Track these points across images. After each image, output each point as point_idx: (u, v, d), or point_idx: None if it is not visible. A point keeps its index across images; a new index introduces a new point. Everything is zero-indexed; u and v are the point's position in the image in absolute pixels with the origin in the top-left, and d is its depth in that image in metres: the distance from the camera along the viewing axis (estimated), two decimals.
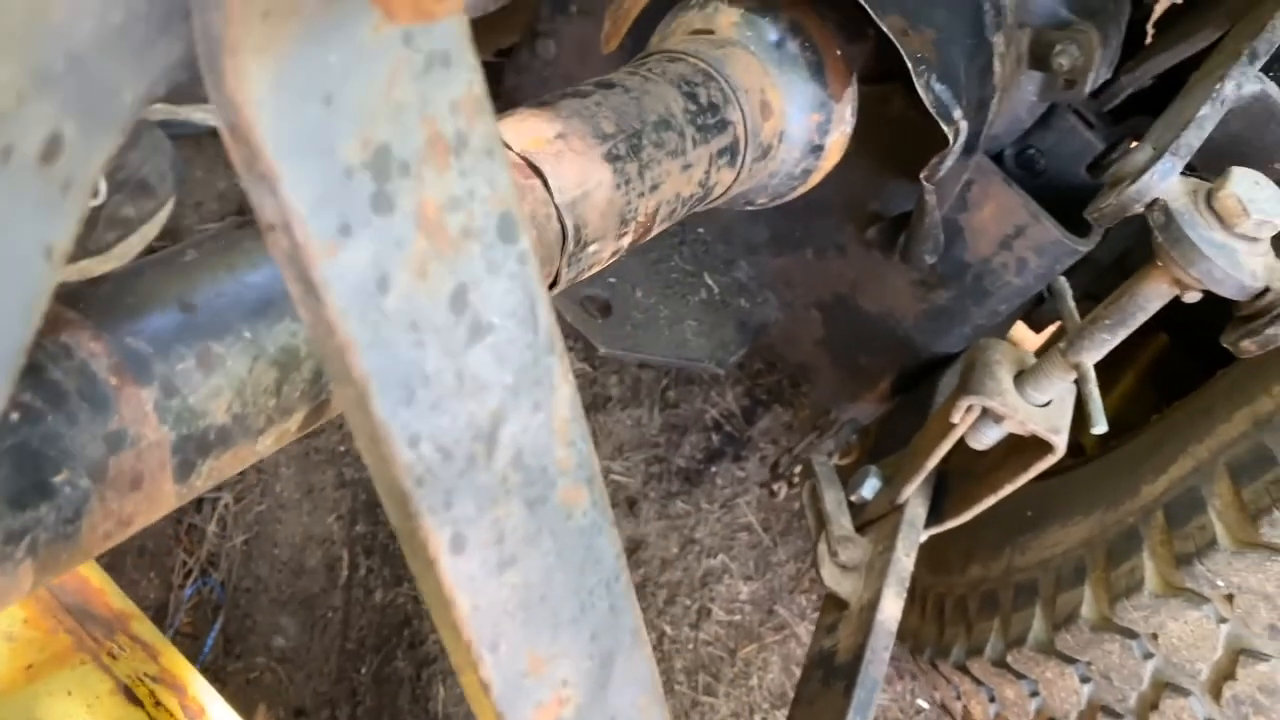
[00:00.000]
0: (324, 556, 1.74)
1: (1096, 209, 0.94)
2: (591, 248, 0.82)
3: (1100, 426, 1.04)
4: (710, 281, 1.57)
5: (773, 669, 1.90)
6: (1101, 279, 1.57)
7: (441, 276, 0.39)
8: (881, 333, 1.46)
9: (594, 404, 2.08)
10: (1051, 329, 1.71)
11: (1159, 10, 1.47)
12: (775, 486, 1.91)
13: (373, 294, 0.37)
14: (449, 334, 0.40)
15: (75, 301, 0.52)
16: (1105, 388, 1.36)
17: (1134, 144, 1.45)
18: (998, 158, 1.36)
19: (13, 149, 0.28)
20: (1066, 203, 1.36)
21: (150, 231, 1.70)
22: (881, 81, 1.23)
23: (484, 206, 0.40)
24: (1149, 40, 1.51)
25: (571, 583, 0.47)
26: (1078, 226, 1.33)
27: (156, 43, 0.31)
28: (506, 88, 1.58)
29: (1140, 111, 1.40)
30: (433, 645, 1.72)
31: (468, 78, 0.38)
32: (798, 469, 1.86)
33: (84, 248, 1.56)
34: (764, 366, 2.23)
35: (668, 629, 1.85)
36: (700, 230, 1.56)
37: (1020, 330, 1.75)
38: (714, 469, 2.07)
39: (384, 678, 1.68)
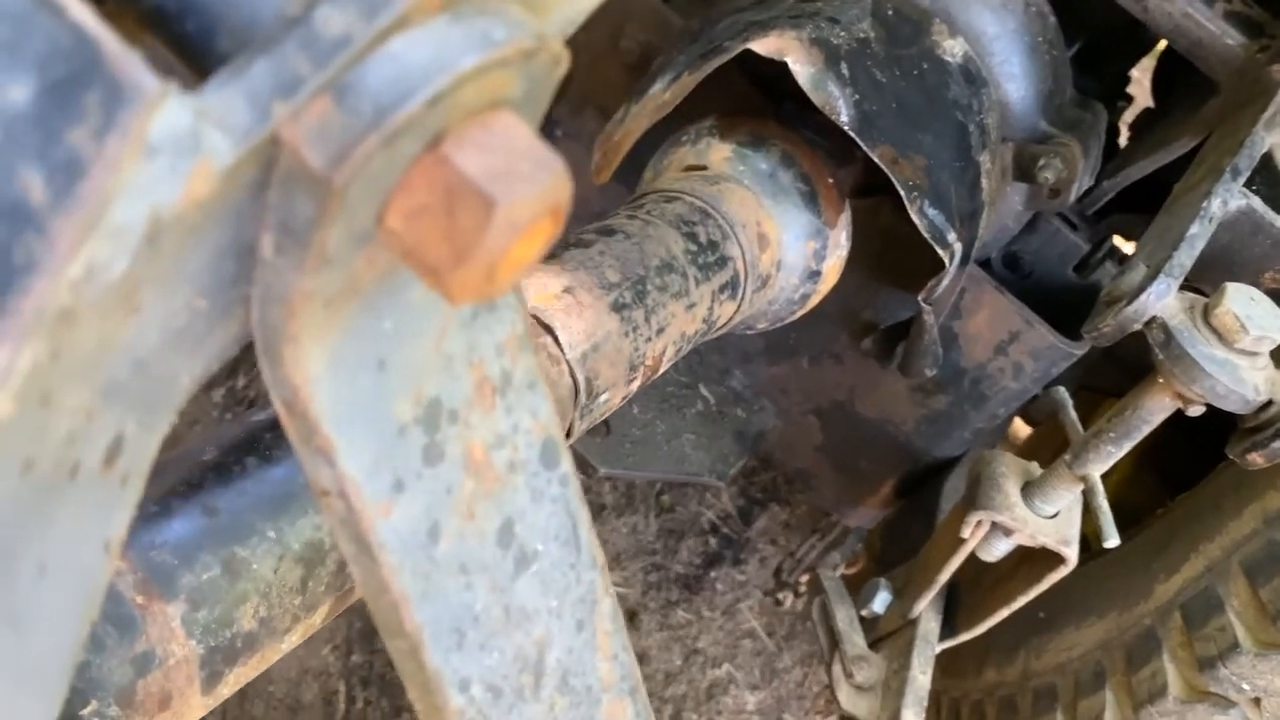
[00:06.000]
0: (320, 690, 1.69)
1: (1095, 329, 0.95)
2: (603, 397, 0.82)
3: (1112, 540, 1.04)
4: (706, 392, 1.57)
5: None
6: (1094, 370, 1.58)
7: (489, 514, 0.39)
8: (881, 438, 1.46)
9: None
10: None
11: (1131, 113, 1.51)
12: (780, 595, 1.89)
13: (424, 545, 0.36)
14: (496, 570, 0.39)
15: None
16: (1104, 475, 1.36)
17: (1114, 240, 1.48)
18: (985, 263, 1.38)
19: (80, 464, 0.27)
20: (1056, 303, 1.37)
21: None
22: (869, 195, 1.25)
23: (528, 438, 0.40)
24: (1124, 139, 1.55)
25: None
26: (1069, 326, 1.34)
27: (215, 330, 0.30)
28: None
29: (1120, 208, 1.42)
30: None
31: (510, 317, 0.38)
32: (801, 576, 1.84)
33: None
34: (759, 464, 2.22)
35: None
36: None
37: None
38: (714, 574, 2.05)
39: None
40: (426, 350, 0.35)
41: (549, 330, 0.77)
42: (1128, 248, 1.57)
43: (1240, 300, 0.91)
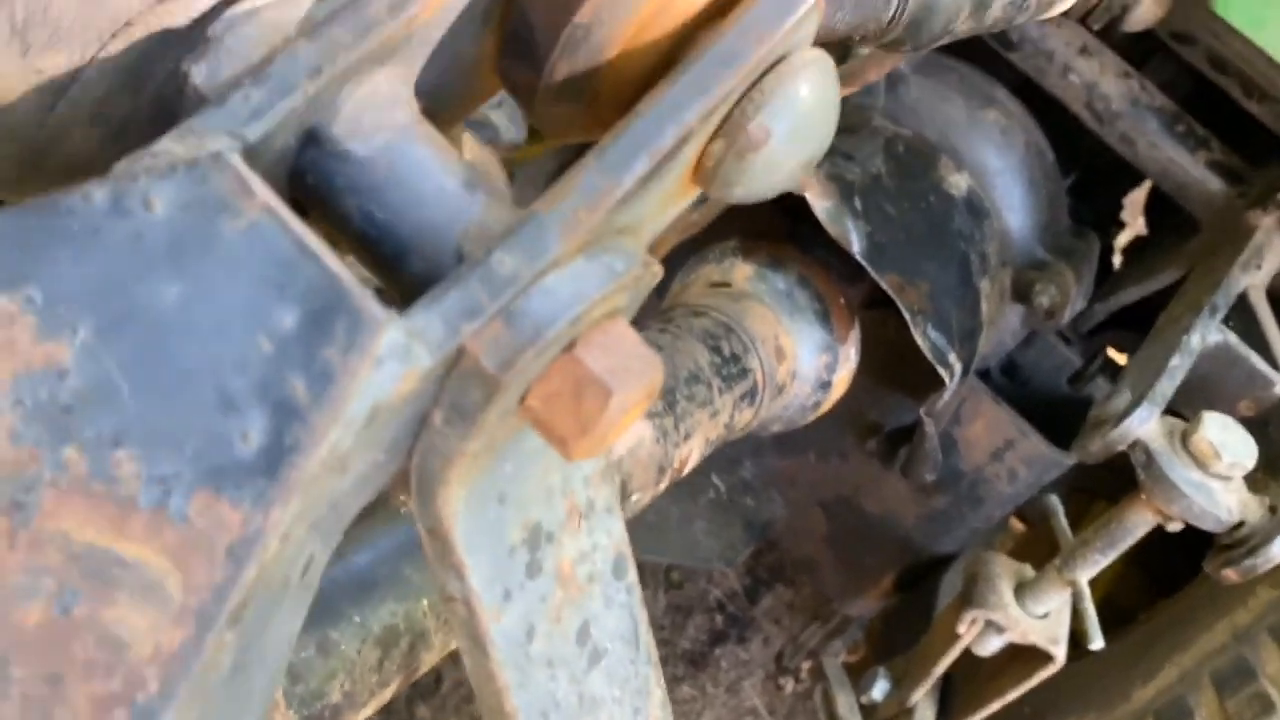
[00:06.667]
0: None
1: (1084, 449, 1.04)
2: (634, 498, 0.91)
3: (1097, 643, 1.11)
4: (717, 481, 1.65)
5: None
6: (1087, 473, 1.66)
7: (571, 618, 0.47)
8: (883, 533, 1.54)
9: None
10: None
11: (1124, 238, 1.62)
12: (781, 681, 1.96)
13: (522, 643, 0.45)
14: (575, 664, 0.48)
15: None
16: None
17: (1110, 352, 1.57)
18: (985, 373, 1.47)
19: (290, 579, 0.36)
20: (1051, 414, 1.46)
21: None
22: (878, 308, 1.35)
23: (604, 554, 0.49)
24: (1117, 260, 1.65)
25: None
26: (1062, 435, 1.43)
27: (383, 473, 0.40)
28: None
29: (1113, 325, 1.52)
30: None
31: (598, 456, 0.47)
32: (803, 661, 1.91)
33: None
34: (765, 545, 2.29)
35: None
36: None
37: None
38: (718, 651, 2.11)
39: None
40: (535, 484, 0.44)
41: None
42: (1122, 358, 1.66)
43: (1215, 428, 1.00)
